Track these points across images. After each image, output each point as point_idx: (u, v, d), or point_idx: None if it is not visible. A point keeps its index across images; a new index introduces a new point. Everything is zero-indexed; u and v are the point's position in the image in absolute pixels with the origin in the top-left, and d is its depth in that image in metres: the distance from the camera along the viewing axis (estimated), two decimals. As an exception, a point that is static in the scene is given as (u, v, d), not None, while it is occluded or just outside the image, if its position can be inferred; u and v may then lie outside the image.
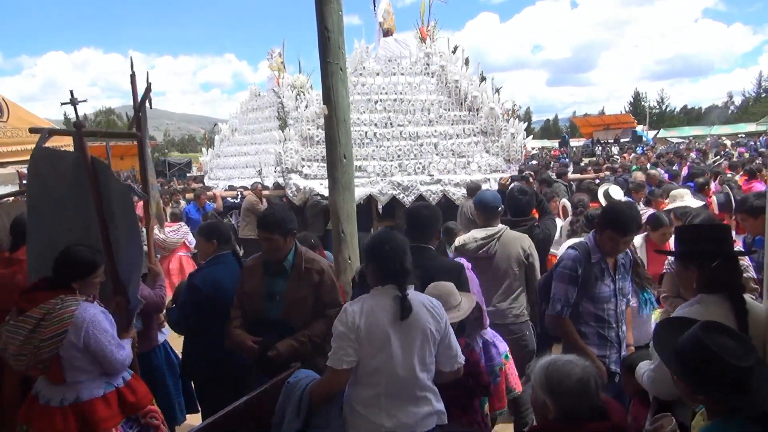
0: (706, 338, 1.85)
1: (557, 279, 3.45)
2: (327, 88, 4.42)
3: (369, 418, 2.61)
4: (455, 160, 9.61)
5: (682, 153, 21.74)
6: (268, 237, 3.45)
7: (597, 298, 3.42)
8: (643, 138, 37.26)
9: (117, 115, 49.40)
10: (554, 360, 2.19)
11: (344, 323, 2.58)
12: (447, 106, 10.08)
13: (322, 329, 3.40)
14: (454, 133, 9.86)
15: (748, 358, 1.81)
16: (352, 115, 9.44)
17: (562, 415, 2.09)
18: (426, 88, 10.12)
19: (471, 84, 10.13)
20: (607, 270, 3.44)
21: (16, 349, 2.86)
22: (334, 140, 4.44)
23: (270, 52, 12.77)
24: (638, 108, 59.33)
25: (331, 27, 4.32)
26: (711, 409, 1.91)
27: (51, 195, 3.41)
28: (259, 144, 12.21)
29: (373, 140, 9.59)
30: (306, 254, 3.58)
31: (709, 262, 2.47)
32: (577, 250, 3.44)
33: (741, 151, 23.25)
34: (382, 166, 9.42)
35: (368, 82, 10.00)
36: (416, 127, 9.75)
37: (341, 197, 4.51)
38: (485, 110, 9.90)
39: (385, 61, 10.27)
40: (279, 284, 3.52)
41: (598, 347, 3.42)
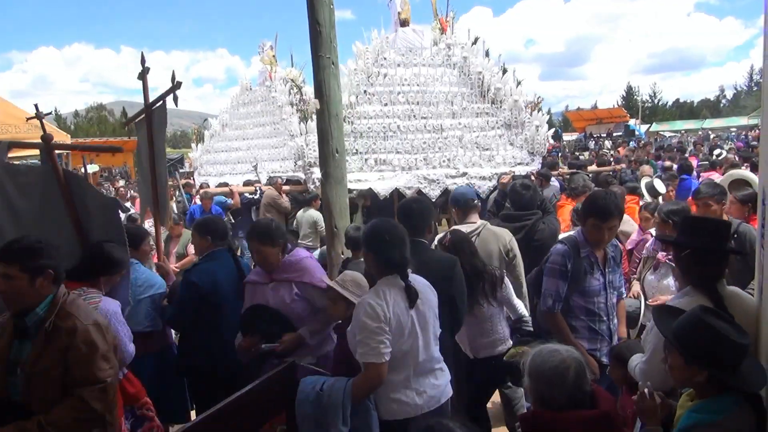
0: (707, 318, 1.99)
1: (547, 274, 3.47)
2: (319, 82, 4.40)
3: (402, 401, 2.76)
4: (480, 153, 9.46)
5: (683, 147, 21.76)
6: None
7: (587, 291, 3.43)
8: (636, 132, 37.33)
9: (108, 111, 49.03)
10: (543, 347, 2.30)
11: (373, 318, 2.64)
12: (470, 99, 9.88)
13: (64, 417, 2.42)
14: (478, 125, 9.69)
15: (745, 337, 1.97)
16: (374, 107, 9.44)
17: (538, 401, 2.22)
18: (448, 80, 9.92)
19: (493, 76, 9.95)
20: (597, 263, 3.45)
21: None
22: (326, 134, 4.43)
23: (261, 45, 12.50)
24: (631, 102, 59.40)
25: (322, 21, 4.30)
26: (702, 388, 2.02)
27: (12, 210, 3.37)
28: (251, 139, 12.06)
29: (396, 133, 9.41)
30: (67, 306, 2.55)
31: (702, 255, 2.49)
32: (566, 244, 3.46)
33: (739, 146, 23.29)
34: (407, 159, 9.26)
35: (390, 73, 9.77)
36: (439, 120, 9.58)
37: (334, 192, 4.50)
38: (509, 102, 9.73)
39: (405, 51, 10.04)
40: (24, 350, 2.52)
41: (589, 341, 3.43)
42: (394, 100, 9.62)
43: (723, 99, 65.54)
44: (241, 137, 12.42)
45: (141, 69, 4.45)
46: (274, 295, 3.44)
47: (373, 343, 2.63)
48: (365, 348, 2.65)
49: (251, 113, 12.36)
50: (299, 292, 3.42)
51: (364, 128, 9.36)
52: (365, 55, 9.88)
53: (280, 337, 3.32)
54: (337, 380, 2.75)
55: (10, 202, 3.36)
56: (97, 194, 3.79)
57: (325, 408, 2.66)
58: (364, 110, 9.46)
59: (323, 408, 2.66)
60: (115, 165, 26.56)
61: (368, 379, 2.68)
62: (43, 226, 3.45)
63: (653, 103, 63.82)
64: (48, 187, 3.45)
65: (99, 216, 3.49)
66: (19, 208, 3.38)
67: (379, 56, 9.85)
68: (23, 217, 3.40)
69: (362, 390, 2.70)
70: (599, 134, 36.62)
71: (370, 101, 9.57)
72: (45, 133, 3.58)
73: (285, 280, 3.45)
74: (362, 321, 2.66)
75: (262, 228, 3.55)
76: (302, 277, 3.43)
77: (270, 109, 11.83)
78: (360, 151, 9.26)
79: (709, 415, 1.94)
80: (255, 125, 12.10)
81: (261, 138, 11.83)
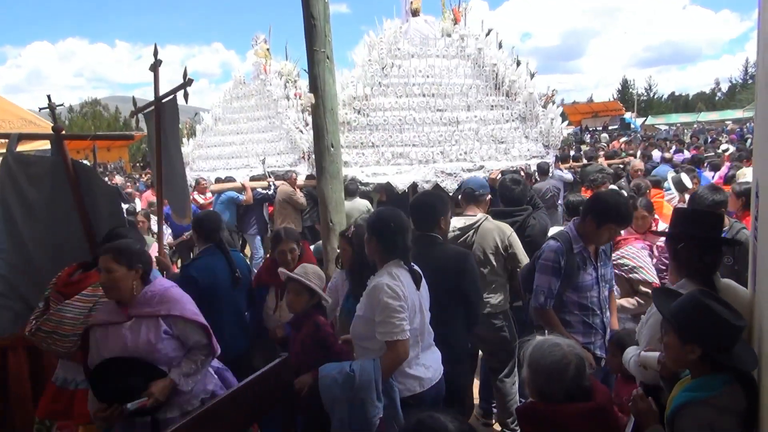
0: (706, 300, 2.04)
1: (540, 271, 3.43)
2: (314, 76, 4.38)
3: (416, 376, 2.91)
4: (496, 146, 9.33)
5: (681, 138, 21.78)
6: None
7: (580, 287, 3.42)
8: (631, 125, 37.38)
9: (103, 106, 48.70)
10: (544, 340, 2.30)
11: (395, 297, 2.77)
12: (484, 91, 9.71)
13: None
14: (493, 118, 9.54)
15: (741, 320, 2.02)
16: (390, 98, 9.26)
17: (536, 393, 2.23)
18: (463, 72, 9.73)
19: (507, 68, 9.80)
20: (589, 258, 3.44)
21: (70, 329, 2.93)
22: (322, 129, 4.42)
23: (254, 38, 12.32)
24: (626, 95, 59.45)
25: (317, 15, 4.29)
26: (696, 367, 2.06)
27: (23, 199, 3.42)
28: (245, 134, 11.94)
29: (413, 125, 9.24)
30: None
31: (697, 247, 2.50)
32: (559, 241, 3.42)
33: (733, 138, 23.36)
34: (424, 152, 9.09)
35: (404, 64, 9.54)
36: (455, 112, 9.41)
37: (329, 186, 4.49)
38: (524, 95, 9.60)
39: (419, 42, 9.81)
40: None
41: (583, 335, 3.43)
42: (410, 91, 9.40)
43: (718, 92, 65.60)
44: (234, 131, 12.27)
45: (153, 61, 4.46)
46: (132, 336, 2.81)
47: (397, 321, 2.74)
48: (388, 327, 2.74)
49: (245, 107, 12.22)
50: (168, 329, 2.89)
51: (379, 120, 9.17)
52: (379, 46, 9.61)
53: (145, 389, 2.78)
54: (364, 361, 2.82)
55: (21, 192, 3.43)
56: (103, 183, 3.86)
57: (358, 387, 2.73)
58: (380, 102, 9.26)
59: (357, 388, 2.73)
60: (110, 160, 26.46)
61: (397, 356, 2.78)
62: (53, 215, 3.50)
63: (649, 97, 63.86)
64: (57, 177, 3.49)
65: (105, 205, 3.54)
66: (30, 198, 3.46)
67: (393, 47, 9.58)
68: (34, 206, 3.47)
69: (391, 367, 2.79)
70: (595, 127, 36.67)
71: (385, 93, 9.35)
72: (55, 124, 3.62)
73: (148, 315, 2.85)
74: (384, 302, 2.75)
75: (117, 243, 2.95)
76: (171, 310, 2.88)
77: (265, 102, 11.69)
78: (376, 144, 9.08)
79: (701, 392, 1.98)
80: (249, 119, 11.96)
81: (256, 132, 11.72)
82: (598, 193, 3.58)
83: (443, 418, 1.81)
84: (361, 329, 2.92)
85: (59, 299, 3.05)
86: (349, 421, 2.74)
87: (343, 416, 2.75)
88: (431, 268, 3.16)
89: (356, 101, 9.06)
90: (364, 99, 9.08)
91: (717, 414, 1.92)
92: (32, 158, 3.95)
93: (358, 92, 9.13)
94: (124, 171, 24.85)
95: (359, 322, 2.92)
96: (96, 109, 46.59)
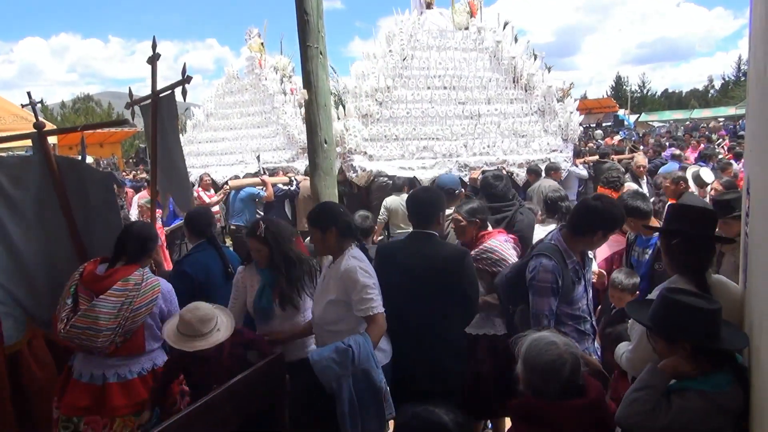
0: (674, 296, 2.09)
1: (537, 294, 3.14)
2: (307, 72, 4.37)
3: (384, 349, 3.18)
4: (517, 139, 9.27)
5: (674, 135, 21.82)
6: None
7: (573, 300, 3.27)
8: (625, 122, 37.45)
9: (96, 102, 48.48)
10: (540, 337, 2.29)
11: (368, 276, 3.05)
12: (503, 84, 9.62)
13: None
14: (513, 112, 9.46)
15: (714, 302, 2.06)
16: (411, 91, 9.10)
17: (530, 390, 2.23)
18: (482, 65, 9.63)
19: (525, 62, 9.74)
20: (580, 269, 3.28)
21: (105, 324, 2.97)
22: (315, 125, 4.40)
23: (247, 32, 12.21)
24: (620, 92, 59.51)
25: (310, 11, 4.27)
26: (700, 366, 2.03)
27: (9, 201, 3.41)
28: (239, 129, 11.82)
29: (435, 118, 9.07)
30: None
31: (690, 243, 2.51)
32: (553, 259, 3.13)
33: (721, 135, 23.47)
34: (448, 146, 8.94)
35: (423, 56, 9.36)
36: (476, 105, 9.27)
37: (323, 183, 4.49)
38: (542, 89, 9.53)
39: (437, 34, 9.61)
40: None
41: (578, 342, 3.25)
42: (431, 84, 9.21)
43: (711, 89, 65.76)
44: (228, 127, 12.14)
45: (152, 54, 4.45)
46: None
47: (375, 296, 3.02)
48: (367, 303, 2.99)
49: (239, 102, 12.10)
50: None
51: (402, 113, 8.97)
52: (399, 36, 9.38)
53: None
54: (357, 336, 2.95)
55: (6, 195, 3.38)
56: (92, 171, 3.86)
57: (360, 360, 2.87)
58: (402, 94, 9.05)
59: (359, 361, 2.87)
60: (103, 156, 26.31)
61: (379, 327, 3.02)
62: (42, 216, 3.47)
63: (642, 93, 64.02)
64: (43, 176, 3.46)
65: (98, 193, 3.52)
66: (15, 200, 3.41)
67: (412, 38, 9.37)
68: (21, 208, 3.41)
69: (377, 339, 3.00)
70: (589, 124, 36.72)
71: (406, 85, 9.16)
72: (37, 121, 3.57)
73: None
74: (361, 281, 2.99)
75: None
76: None
77: (260, 97, 11.56)
78: (399, 137, 8.87)
79: (706, 385, 1.98)
80: (243, 115, 11.85)
81: (251, 128, 11.62)
82: (587, 202, 3.35)
83: (438, 411, 1.82)
84: (332, 313, 3.12)
85: (89, 295, 3.07)
86: (358, 393, 2.86)
87: (350, 390, 2.85)
88: (429, 265, 3.17)
89: (378, 93, 8.83)
90: (386, 91, 8.85)
91: (715, 410, 1.93)
92: (12, 159, 3.94)
93: (380, 83, 8.88)
94: (117, 167, 24.72)
95: (330, 306, 3.11)
96: (88, 105, 46.35)
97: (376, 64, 9.23)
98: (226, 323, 3.07)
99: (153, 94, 4.36)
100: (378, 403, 2.93)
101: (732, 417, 1.95)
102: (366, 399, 2.89)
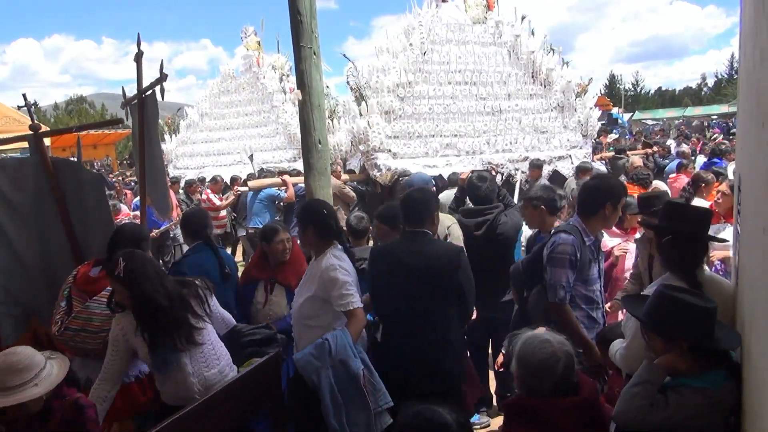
0: (672, 294, 2.09)
1: (555, 265, 3.23)
2: (300, 72, 4.38)
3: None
4: (538, 136, 9.08)
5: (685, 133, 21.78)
6: None
7: (589, 280, 3.34)
8: (619, 120, 37.54)
9: (89, 104, 48.32)
10: (534, 336, 2.30)
11: (346, 273, 3.18)
12: (522, 79, 9.38)
13: None
14: (533, 107, 9.25)
15: (710, 302, 2.06)
16: (432, 86, 8.75)
17: (523, 388, 2.24)
18: (501, 60, 9.37)
19: (544, 57, 9.55)
20: (596, 250, 3.40)
21: (99, 326, 2.98)
22: (309, 125, 4.41)
23: (243, 30, 12.10)
24: (614, 90, 59.54)
25: (303, 11, 4.28)
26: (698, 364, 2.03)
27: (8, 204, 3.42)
28: (236, 129, 11.68)
29: (457, 115, 8.81)
30: None
31: (682, 240, 2.53)
32: (572, 234, 3.27)
33: (715, 132, 23.57)
34: (471, 143, 8.70)
35: (443, 50, 9.04)
36: (497, 101, 9.04)
37: (317, 183, 4.49)
38: (561, 84, 9.34)
39: (456, 28, 9.29)
40: None
41: (588, 329, 3.33)
42: (451, 79, 8.90)
43: (704, 87, 65.98)
44: (224, 127, 11.99)
45: (137, 51, 4.43)
46: None
47: (354, 292, 3.15)
48: (346, 298, 3.11)
49: (235, 101, 11.95)
50: None
51: (424, 109, 8.65)
52: (419, 30, 9.04)
53: None
54: (335, 332, 3.03)
55: (4, 196, 3.39)
56: (86, 171, 3.93)
57: (336, 352, 2.94)
58: (423, 90, 8.74)
59: (335, 353, 2.94)
60: (96, 158, 26.22)
61: (359, 321, 3.14)
62: (40, 217, 3.48)
63: (636, 92, 64.17)
64: (40, 178, 3.48)
65: (91, 195, 3.52)
66: (14, 201, 3.43)
67: (431, 32, 9.03)
68: (19, 209, 3.43)
69: (357, 332, 3.11)
70: (583, 123, 36.77)
71: (427, 80, 8.84)
72: (33, 123, 3.58)
73: None
74: (339, 278, 3.12)
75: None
76: None
77: (259, 96, 11.41)
78: (423, 135, 8.57)
79: (702, 382, 1.99)
80: (240, 114, 11.70)
81: (249, 127, 11.43)
82: (585, 184, 3.56)
83: (441, 411, 1.83)
84: (309, 309, 3.25)
85: (83, 297, 3.08)
86: (337, 383, 2.92)
87: (330, 381, 2.91)
88: (425, 265, 3.17)
89: (400, 88, 8.54)
90: (407, 86, 8.57)
91: (711, 406, 1.95)
92: (11, 161, 3.95)
93: (401, 78, 8.59)
94: (111, 168, 24.64)
95: (308, 302, 3.25)
96: (82, 106, 46.19)
97: (395, 59, 8.88)
98: (54, 377, 2.41)
99: (139, 93, 4.35)
100: (360, 394, 2.92)
101: (727, 411, 1.97)
102: (348, 390, 2.91)
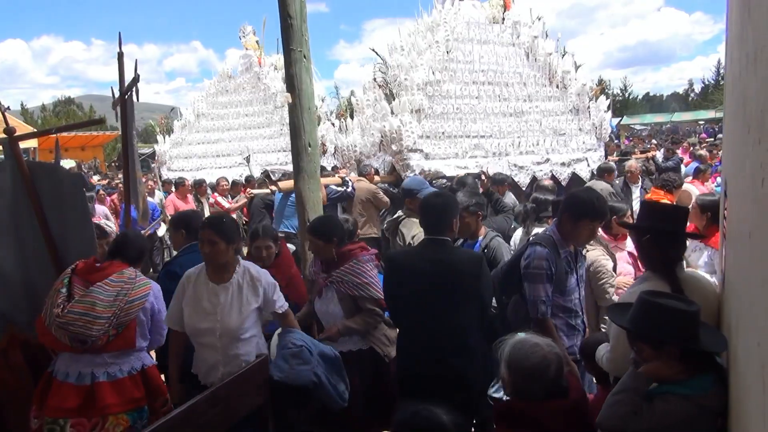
0: (653, 299, 2.07)
1: (532, 281, 3.25)
2: (291, 75, 4.38)
3: None
4: (557, 138, 9.02)
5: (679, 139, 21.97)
6: None
7: (566, 291, 3.35)
8: (608, 125, 37.84)
9: (77, 105, 47.98)
10: (523, 340, 2.31)
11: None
12: (541, 82, 9.30)
13: None
14: (552, 110, 9.18)
15: (694, 304, 2.05)
16: (458, 85, 8.52)
17: (513, 391, 2.25)
18: (521, 61, 9.27)
19: (560, 59, 9.53)
20: (572, 261, 3.39)
21: (102, 311, 2.98)
22: (299, 128, 4.41)
23: (241, 29, 11.90)
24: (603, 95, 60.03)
25: (293, 14, 4.28)
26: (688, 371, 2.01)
27: None
28: (236, 130, 11.39)
29: (483, 114, 8.63)
30: None
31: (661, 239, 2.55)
32: (546, 247, 3.27)
33: (703, 137, 23.87)
34: (497, 144, 8.52)
35: (466, 49, 8.84)
36: (519, 102, 8.92)
37: (307, 186, 4.49)
38: (577, 87, 9.29)
39: (476, 26, 9.13)
40: None
41: (567, 337, 3.38)
42: (475, 78, 8.72)
43: (692, 93, 66.55)
44: (223, 128, 11.66)
45: (118, 51, 4.43)
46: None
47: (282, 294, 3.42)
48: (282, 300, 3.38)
49: (235, 102, 11.68)
50: None
51: (451, 109, 8.41)
52: (443, 27, 8.81)
53: None
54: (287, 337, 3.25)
55: None
56: (64, 171, 3.89)
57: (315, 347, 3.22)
58: (450, 89, 8.50)
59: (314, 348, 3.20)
60: (84, 160, 26.03)
61: (293, 319, 3.49)
62: (15, 221, 3.45)
63: (624, 97, 64.61)
64: (15, 182, 3.44)
65: (68, 197, 3.51)
66: None
67: (454, 30, 8.84)
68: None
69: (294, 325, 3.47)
70: (572, 128, 37.01)
71: (452, 78, 8.61)
72: (7, 126, 3.54)
73: None
74: (272, 281, 3.34)
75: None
76: None
77: (260, 96, 11.17)
78: (452, 135, 8.31)
79: (689, 389, 1.97)
80: (241, 115, 11.42)
81: (251, 128, 11.17)
82: (572, 191, 3.58)
83: (438, 411, 1.84)
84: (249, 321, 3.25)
85: (85, 285, 3.07)
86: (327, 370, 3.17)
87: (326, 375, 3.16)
88: (447, 272, 3.13)
89: (428, 86, 8.32)
90: (435, 84, 8.36)
91: (698, 412, 1.94)
92: None
93: (429, 76, 8.36)
94: (98, 170, 24.48)
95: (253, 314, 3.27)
96: (69, 108, 45.85)
97: (420, 57, 8.65)
98: None
99: (121, 95, 4.34)
100: (339, 369, 3.29)
101: (716, 415, 1.97)
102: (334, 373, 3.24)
